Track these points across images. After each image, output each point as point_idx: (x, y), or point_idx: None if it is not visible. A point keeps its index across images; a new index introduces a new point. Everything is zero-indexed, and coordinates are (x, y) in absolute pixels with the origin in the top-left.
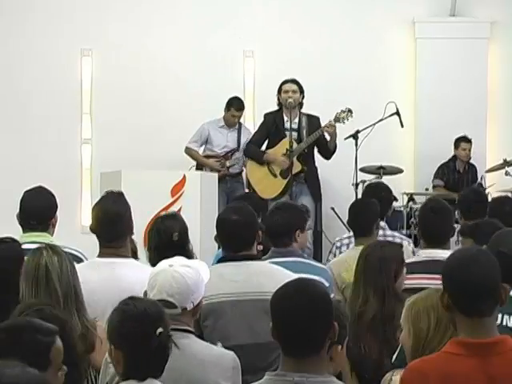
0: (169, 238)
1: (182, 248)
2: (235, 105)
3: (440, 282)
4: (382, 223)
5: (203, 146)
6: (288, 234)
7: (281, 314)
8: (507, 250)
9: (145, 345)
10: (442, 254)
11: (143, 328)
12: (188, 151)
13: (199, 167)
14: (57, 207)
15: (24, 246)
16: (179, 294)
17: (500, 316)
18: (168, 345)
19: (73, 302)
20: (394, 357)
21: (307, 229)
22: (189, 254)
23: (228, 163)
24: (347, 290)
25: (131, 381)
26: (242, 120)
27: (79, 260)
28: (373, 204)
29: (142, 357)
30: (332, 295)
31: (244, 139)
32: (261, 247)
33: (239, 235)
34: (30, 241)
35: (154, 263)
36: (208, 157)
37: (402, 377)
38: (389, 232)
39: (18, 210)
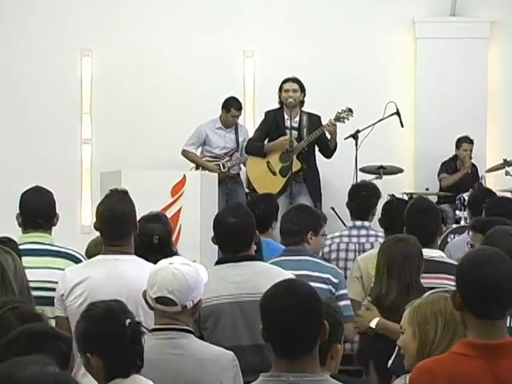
0: (149, 241)
1: (163, 251)
2: (235, 105)
3: (426, 280)
4: (367, 223)
5: (201, 148)
6: (299, 234)
7: (271, 315)
8: (502, 250)
9: (118, 340)
10: (429, 254)
11: (112, 324)
12: (185, 153)
13: (198, 168)
14: (55, 206)
15: (24, 247)
16: (179, 292)
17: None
18: (140, 333)
19: (27, 300)
20: (390, 362)
21: (322, 234)
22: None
23: (229, 164)
24: None
25: (116, 380)
26: (242, 120)
27: (78, 260)
28: (400, 202)
29: (119, 353)
30: (345, 291)
31: (242, 139)
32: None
33: (237, 237)
34: (31, 241)
35: None
36: (206, 158)
37: (410, 376)
38: (372, 232)
39: (17, 211)
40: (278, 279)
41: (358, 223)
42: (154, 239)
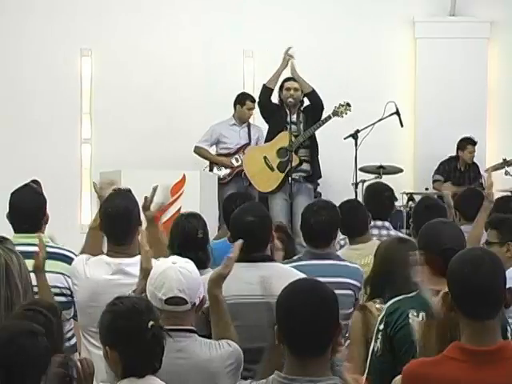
0: (193, 236)
1: (203, 247)
2: (250, 98)
3: None
4: (387, 223)
5: (214, 146)
6: (333, 234)
7: (289, 313)
8: (452, 245)
9: (139, 340)
10: None
11: (135, 323)
12: (198, 150)
13: (212, 167)
14: (45, 205)
15: (18, 248)
16: (189, 289)
17: (425, 314)
18: (162, 336)
19: (31, 298)
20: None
21: None
22: (208, 255)
23: (242, 158)
24: None
25: (131, 378)
26: None
27: (70, 261)
28: (359, 204)
29: (138, 353)
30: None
31: (255, 135)
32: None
33: (254, 236)
34: (24, 243)
35: None
36: (221, 155)
37: (402, 378)
38: (393, 232)
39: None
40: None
41: (379, 223)
42: (198, 233)
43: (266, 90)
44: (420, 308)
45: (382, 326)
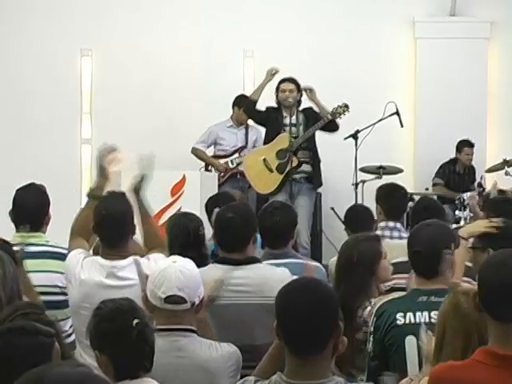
0: (196, 233)
1: (204, 244)
2: None
3: None
4: (399, 224)
5: (211, 148)
6: (289, 234)
7: (289, 311)
8: (420, 247)
9: (125, 340)
10: None
11: (118, 324)
12: (194, 151)
13: (208, 168)
14: (49, 205)
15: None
16: (188, 288)
17: (411, 314)
18: (149, 334)
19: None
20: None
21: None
22: (207, 250)
23: (237, 160)
24: None
25: (125, 381)
26: None
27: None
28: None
29: (126, 353)
30: None
31: (253, 137)
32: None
33: (234, 233)
34: (24, 242)
35: None
36: (218, 157)
37: (428, 381)
38: (404, 234)
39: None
40: (282, 282)
41: (391, 224)
42: (200, 229)
43: (250, 102)
44: (407, 310)
45: (372, 329)
